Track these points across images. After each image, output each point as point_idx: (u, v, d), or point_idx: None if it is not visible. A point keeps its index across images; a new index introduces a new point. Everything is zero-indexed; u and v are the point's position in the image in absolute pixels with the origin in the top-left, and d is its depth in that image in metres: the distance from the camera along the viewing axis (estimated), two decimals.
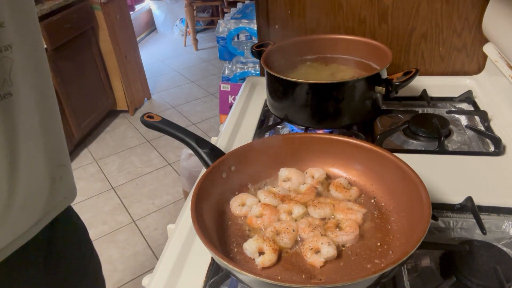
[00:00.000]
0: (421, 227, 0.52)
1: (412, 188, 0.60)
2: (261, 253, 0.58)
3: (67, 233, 0.76)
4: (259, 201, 0.68)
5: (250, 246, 0.59)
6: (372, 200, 0.68)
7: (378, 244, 0.60)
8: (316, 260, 0.57)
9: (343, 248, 0.60)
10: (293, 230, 0.61)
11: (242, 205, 0.68)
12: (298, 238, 0.61)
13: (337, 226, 0.62)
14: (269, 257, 0.57)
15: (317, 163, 0.75)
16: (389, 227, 0.63)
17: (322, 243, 0.58)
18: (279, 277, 0.56)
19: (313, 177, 0.72)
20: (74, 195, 0.75)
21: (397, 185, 0.65)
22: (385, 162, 0.67)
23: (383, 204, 0.67)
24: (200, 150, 0.74)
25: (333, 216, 0.65)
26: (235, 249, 0.61)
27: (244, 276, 0.49)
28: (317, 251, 0.58)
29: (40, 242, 0.68)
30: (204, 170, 0.76)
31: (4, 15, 0.51)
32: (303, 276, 0.56)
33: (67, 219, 0.77)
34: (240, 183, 0.72)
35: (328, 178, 0.73)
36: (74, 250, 0.78)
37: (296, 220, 0.64)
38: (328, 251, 0.57)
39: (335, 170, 0.75)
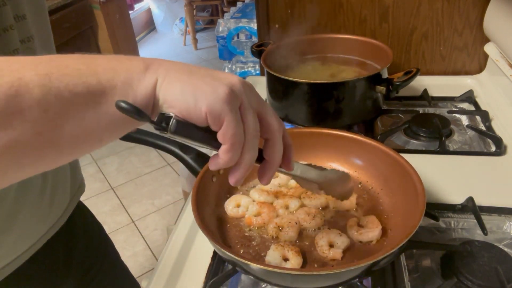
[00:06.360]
0: (419, 200, 0.55)
1: (397, 168, 0.64)
2: (285, 259, 0.57)
3: (85, 230, 0.78)
4: (254, 200, 0.68)
5: (273, 257, 0.57)
6: (359, 185, 0.71)
7: None
8: (336, 253, 0.58)
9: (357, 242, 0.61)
10: (296, 223, 0.62)
11: (237, 207, 0.67)
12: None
13: (358, 224, 0.63)
14: (296, 261, 0.57)
15: (296, 157, 0.75)
16: (381, 208, 0.66)
17: (334, 237, 0.60)
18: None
19: None
20: (84, 186, 0.77)
21: (381, 167, 0.68)
22: (364, 147, 0.71)
23: (370, 188, 0.70)
24: (185, 157, 0.73)
25: (333, 206, 0.66)
26: (241, 250, 0.61)
27: (254, 267, 0.50)
28: (331, 245, 0.59)
29: (60, 239, 0.69)
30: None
31: (25, 7, 0.53)
32: (316, 265, 0.58)
33: (83, 217, 0.78)
34: (229, 185, 0.71)
35: None
36: (94, 243, 0.80)
37: (294, 213, 0.65)
38: (343, 241, 0.59)
39: (316, 162, 0.75)
